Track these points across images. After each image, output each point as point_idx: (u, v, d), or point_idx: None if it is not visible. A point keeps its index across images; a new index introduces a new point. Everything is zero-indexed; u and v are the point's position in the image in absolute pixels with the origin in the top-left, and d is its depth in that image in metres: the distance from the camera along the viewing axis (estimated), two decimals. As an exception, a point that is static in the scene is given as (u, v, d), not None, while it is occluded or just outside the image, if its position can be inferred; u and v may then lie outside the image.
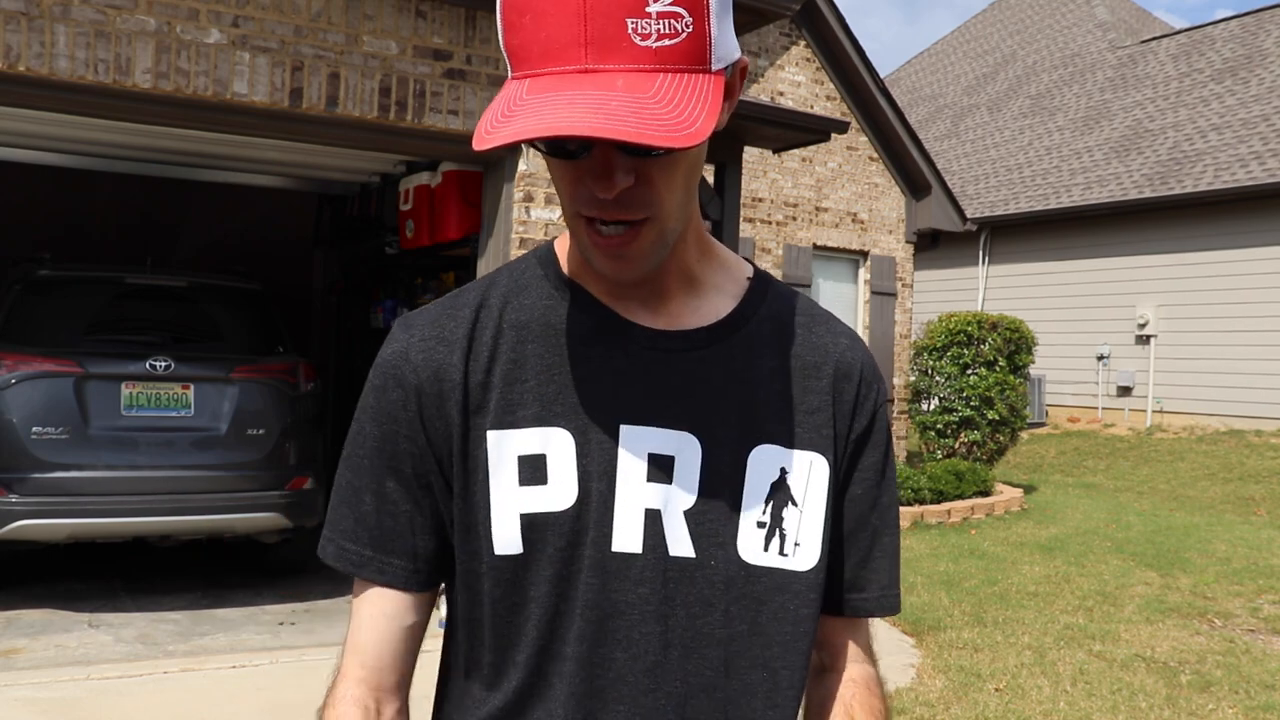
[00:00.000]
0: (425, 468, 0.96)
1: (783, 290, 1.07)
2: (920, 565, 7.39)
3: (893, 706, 4.44)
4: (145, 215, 9.22)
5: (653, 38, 0.79)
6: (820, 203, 10.81)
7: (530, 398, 0.95)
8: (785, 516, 0.98)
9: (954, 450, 10.88)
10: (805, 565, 0.99)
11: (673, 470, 0.95)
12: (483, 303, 0.99)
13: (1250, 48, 17.08)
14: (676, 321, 0.99)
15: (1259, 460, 12.52)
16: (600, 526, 0.94)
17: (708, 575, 0.95)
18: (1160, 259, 15.03)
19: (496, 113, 0.82)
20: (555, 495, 0.94)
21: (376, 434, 0.97)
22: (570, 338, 0.97)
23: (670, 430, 0.95)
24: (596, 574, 0.93)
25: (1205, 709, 4.64)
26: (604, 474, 0.94)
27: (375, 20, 4.96)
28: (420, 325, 0.99)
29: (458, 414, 0.95)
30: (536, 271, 1.01)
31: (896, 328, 11.45)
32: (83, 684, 4.24)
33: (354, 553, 0.98)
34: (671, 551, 0.95)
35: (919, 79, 24.55)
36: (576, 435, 0.94)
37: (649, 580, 0.94)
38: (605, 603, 0.94)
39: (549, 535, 0.94)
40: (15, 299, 5.57)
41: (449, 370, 0.95)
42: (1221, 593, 6.88)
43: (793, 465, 0.99)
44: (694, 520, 0.95)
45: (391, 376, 0.97)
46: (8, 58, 4.26)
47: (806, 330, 1.05)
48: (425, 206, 6.23)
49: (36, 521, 5.09)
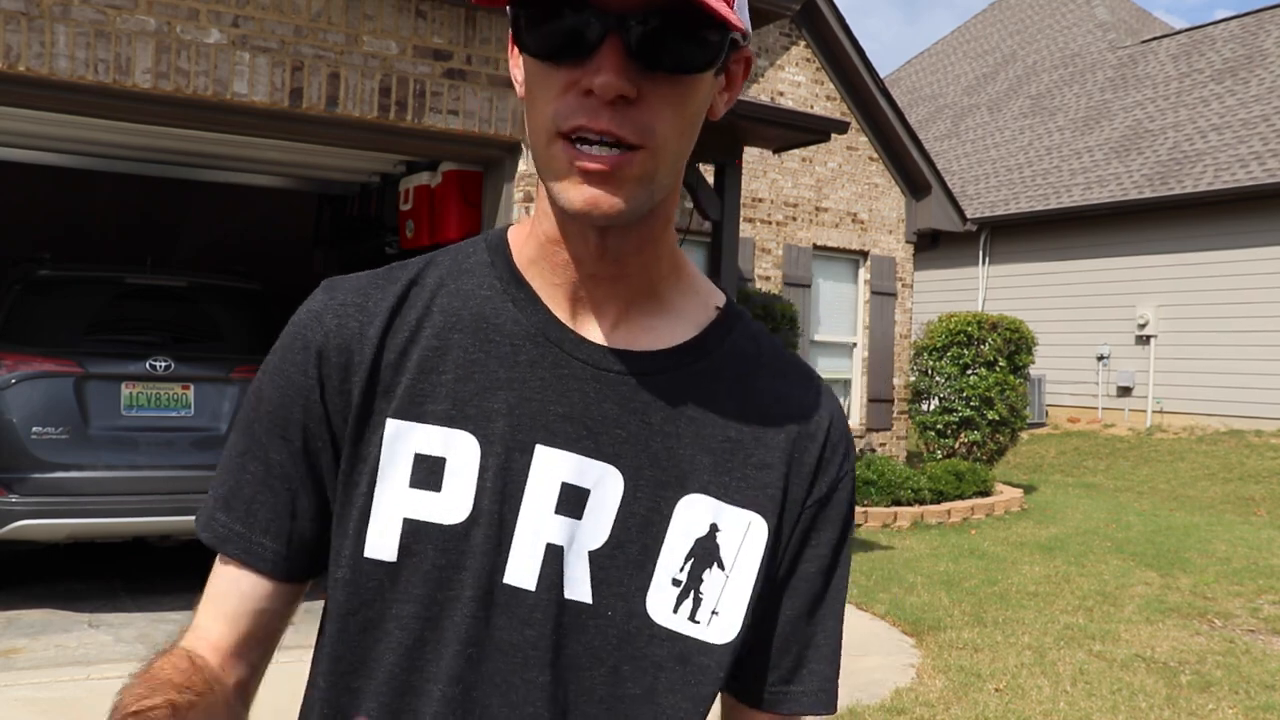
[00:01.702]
0: (317, 444, 0.86)
1: (754, 329, 0.94)
2: (920, 565, 7.39)
3: (893, 706, 4.44)
4: (145, 215, 9.23)
5: None
6: (820, 203, 10.81)
7: (443, 392, 0.84)
8: (705, 579, 0.86)
9: (954, 450, 10.88)
10: (720, 638, 0.86)
11: (585, 505, 0.84)
12: (417, 279, 0.89)
13: (1250, 48, 17.08)
14: (627, 340, 0.87)
15: (1259, 460, 12.52)
16: (494, 553, 0.82)
17: (601, 626, 0.84)
18: (1160, 259, 15.04)
19: None
20: (446, 506, 0.83)
21: (273, 398, 0.87)
22: (502, 335, 0.85)
23: (592, 460, 0.84)
24: (481, 605, 0.82)
25: (1205, 709, 4.64)
26: (507, 495, 0.83)
27: (375, 20, 4.96)
28: (343, 289, 0.89)
29: (359, 391, 0.84)
30: (483, 257, 0.90)
31: (896, 328, 11.45)
32: (83, 684, 4.24)
33: (222, 525, 0.87)
34: (567, 594, 0.83)
35: (919, 79, 24.55)
36: (484, 445, 0.83)
37: (538, 622, 0.82)
38: (487, 640, 0.82)
39: (429, 549, 0.82)
40: (15, 299, 5.57)
41: (362, 342, 0.85)
42: (1221, 593, 6.88)
43: (725, 523, 0.86)
44: (598, 564, 0.84)
45: (299, 337, 0.87)
46: (8, 58, 4.26)
47: (773, 376, 0.91)
48: (425, 206, 6.24)
49: (36, 521, 5.09)
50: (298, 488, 0.87)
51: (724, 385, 0.89)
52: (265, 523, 0.87)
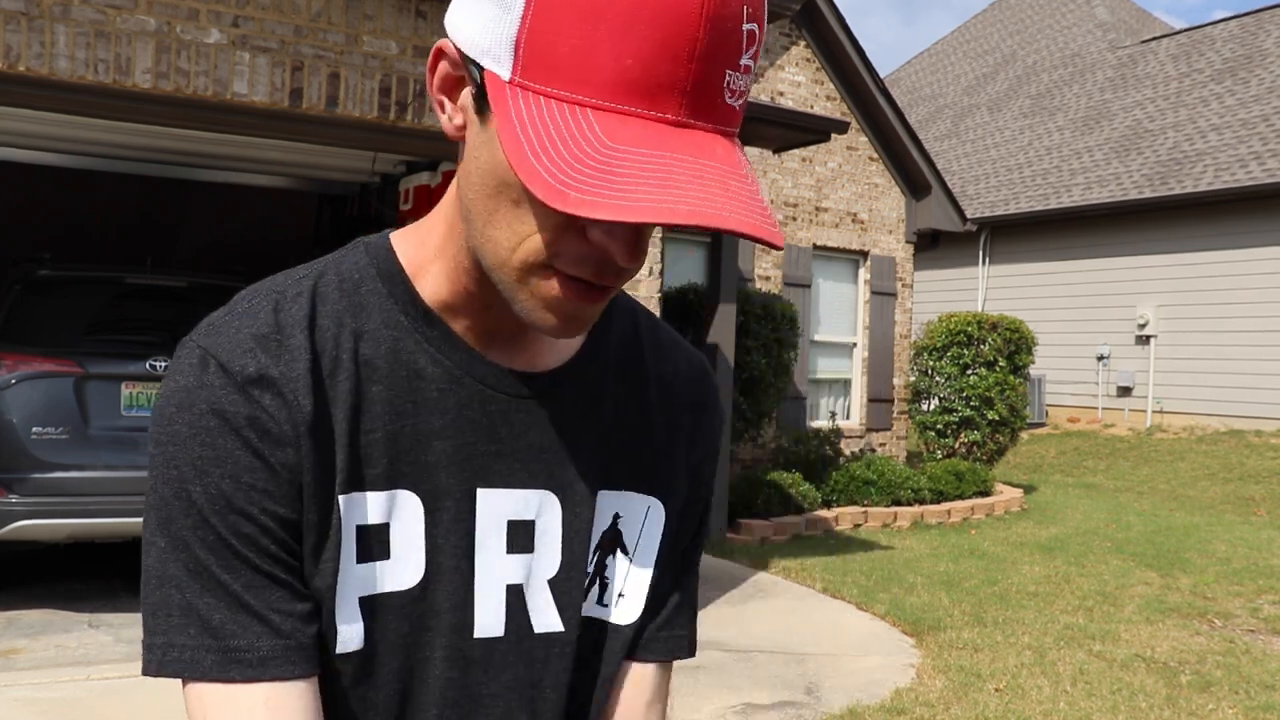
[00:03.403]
0: (288, 533, 0.75)
1: (624, 305, 0.92)
2: (920, 565, 7.39)
3: (893, 706, 4.44)
4: (145, 215, 9.23)
5: (736, 95, 0.67)
6: (820, 203, 10.81)
7: (377, 453, 0.78)
8: (610, 565, 0.88)
9: (954, 450, 10.88)
10: (625, 619, 0.89)
11: (533, 536, 0.83)
12: (313, 324, 0.78)
13: (1250, 48, 17.08)
14: (533, 360, 0.84)
15: (1259, 460, 12.52)
16: (458, 611, 0.80)
17: (574, 645, 0.86)
18: (1160, 259, 15.04)
19: (566, 153, 0.63)
20: (398, 572, 0.78)
21: (219, 493, 0.72)
22: (425, 381, 0.80)
23: (530, 490, 0.83)
24: (456, 666, 0.81)
25: (1205, 709, 4.64)
26: (459, 550, 0.80)
27: (375, 20, 4.96)
28: (248, 349, 0.75)
29: (312, 472, 0.75)
30: (378, 287, 0.81)
31: (896, 328, 11.45)
32: (83, 684, 4.24)
33: (244, 650, 0.72)
34: (536, 629, 0.84)
35: (919, 79, 24.55)
36: (426, 500, 0.79)
37: (512, 665, 0.83)
38: (467, 699, 0.81)
39: (390, 620, 0.78)
40: (15, 299, 5.57)
41: (303, 413, 0.75)
42: (1221, 593, 6.88)
43: (627, 510, 0.88)
44: (559, 589, 0.84)
45: (228, 418, 0.73)
46: (8, 58, 4.26)
47: (650, 353, 0.92)
48: (425, 206, 6.24)
49: (36, 521, 5.09)
50: (288, 575, 0.76)
51: (615, 378, 0.89)
52: (293, 624, 0.75)
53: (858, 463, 9.74)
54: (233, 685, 0.72)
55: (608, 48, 0.63)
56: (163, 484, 0.74)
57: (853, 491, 9.25)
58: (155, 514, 0.74)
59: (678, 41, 0.63)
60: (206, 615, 0.73)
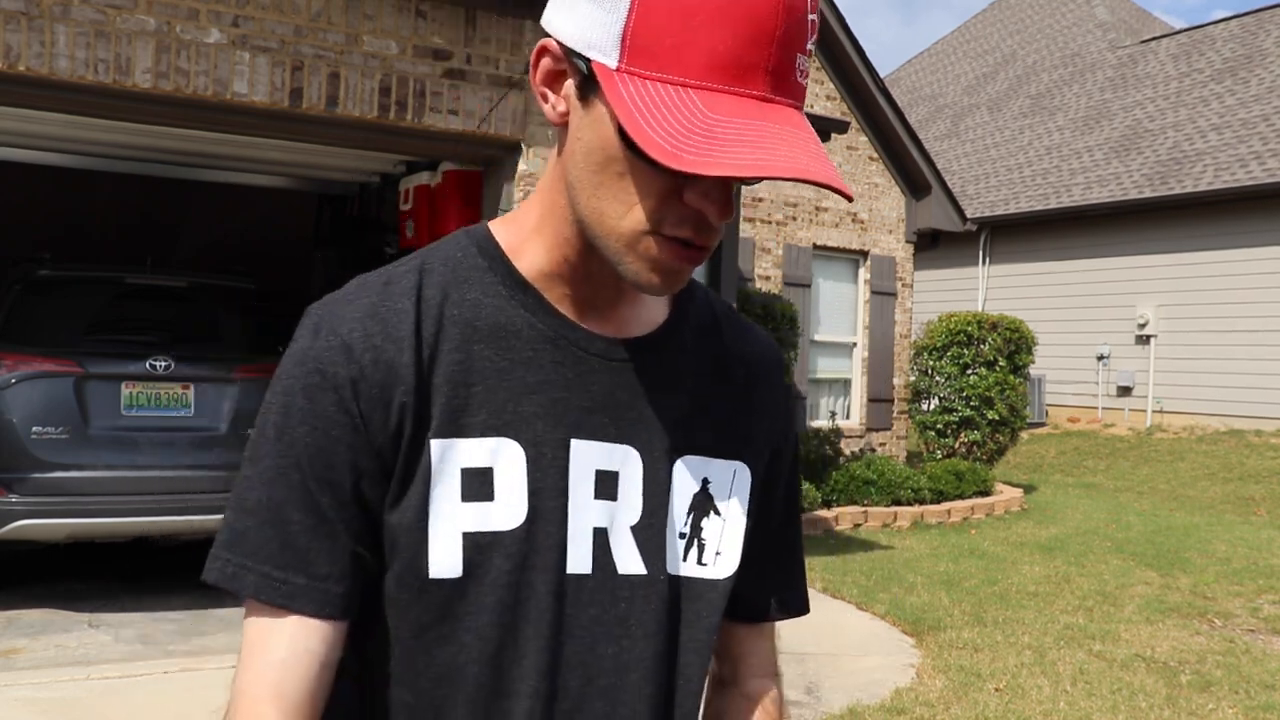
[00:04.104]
0: (365, 482, 0.86)
1: (703, 294, 1.04)
2: (920, 565, 7.39)
3: (893, 706, 4.44)
4: (145, 215, 9.23)
5: (803, 75, 0.79)
6: (820, 203, 10.81)
7: (477, 405, 0.88)
8: (704, 526, 0.97)
9: (954, 450, 10.88)
10: (723, 573, 0.97)
11: (617, 486, 0.92)
12: (420, 294, 0.89)
13: (1250, 48, 17.08)
14: (622, 328, 0.95)
15: (1259, 460, 12.52)
16: (554, 548, 0.89)
17: (660, 591, 0.93)
18: (1160, 259, 15.04)
19: (654, 110, 0.75)
20: (503, 513, 0.87)
21: (310, 441, 0.85)
22: (522, 340, 0.90)
23: (615, 445, 0.92)
24: (554, 598, 0.89)
25: (1205, 709, 4.64)
26: (556, 491, 0.89)
27: (375, 20, 4.96)
28: (355, 318, 0.87)
29: (406, 419, 0.86)
30: (478, 262, 0.92)
31: (896, 328, 11.45)
32: (83, 684, 4.24)
33: (280, 581, 0.84)
34: (620, 570, 0.92)
35: (919, 79, 24.55)
36: (528, 449, 0.88)
37: (599, 601, 0.91)
38: (561, 629, 0.89)
39: (495, 557, 0.87)
40: (15, 299, 5.57)
41: (400, 370, 0.86)
42: (1221, 593, 6.88)
43: (715, 474, 0.98)
44: (640, 536, 0.93)
45: (328, 375, 0.85)
46: (8, 58, 4.26)
47: (729, 334, 1.03)
48: (425, 206, 6.24)
49: (36, 521, 5.09)
50: (343, 529, 0.86)
51: (693, 352, 0.99)
52: (327, 568, 0.86)
53: (858, 462, 9.74)
54: (269, 608, 0.85)
55: (703, 36, 0.75)
56: (270, 424, 0.87)
57: (853, 491, 9.25)
58: (254, 448, 0.87)
59: (762, 29, 0.75)
60: (260, 544, 0.85)
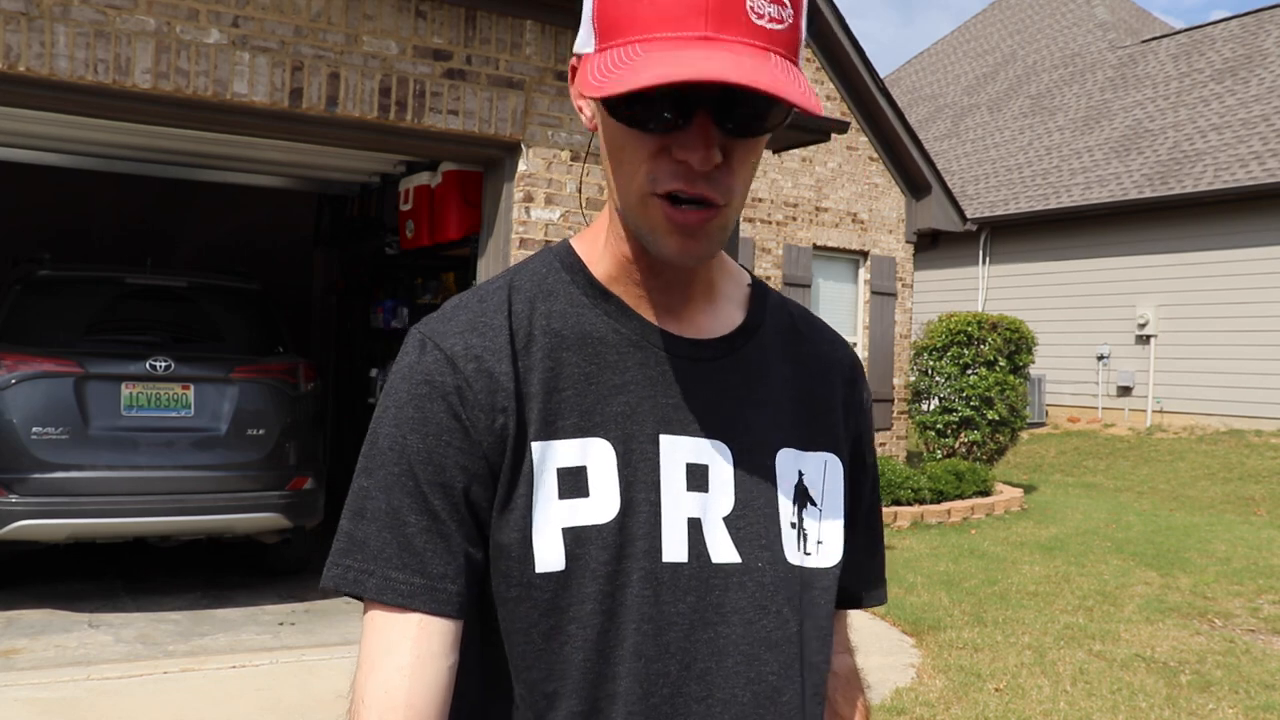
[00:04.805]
0: (474, 485, 0.92)
1: (777, 297, 1.10)
2: (920, 565, 7.39)
3: (893, 706, 4.44)
4: (145, 215, 9.22)
5: (765, 19, 0.82)
6: (820, 203, 10.81)
7: (568, 408, 0.94)
8: (806, 517, 1.01)
9: (954, 450, 10.88)
10: (829, 562, 1.02)
11: (708, 478, 0.96)
12: (510, 308, 0.96)
13: (1250, 48, 17.08)
14: (701, 330, 1.00)
15: (1259, 460, 12.52)
16: (649, 538, 0.93)
17: (757, 579, 0.96)
18: (1160, 259, 15.03)
19: (602, 65, 0.82)
20: (597, 508, 0.92)
21: (421, 448, 0.91)
22: (606, 346, 0.96)
23: (703, 439, 0.97)
24: (649, 586, 0.92)
25: (1205, 709, 4.64)
26: (648, 484, 0.94)
27: (375, 20, 4.96)
28: (457, 332, 0.94)
29: (510, 424, 0.92)
30: (561, 276, 0.99)
31: (896, 328, 11.45)
32: (83, 684, 4.24)
33: (403, 582, 0.89)
34: (714, 559, 0.95)
35: (919, 79, 24.55)
36: (617, 446, 0.94)
37: (695, 589, 0.94)
38: (659, 616, 0.92)
39: (592, 549, 0.91)
40: (15, 299, 5.57)
41: (500, 379, 0.92)
42: (1221, 593, 6.88)
43: (809, 467, 1.02)
44: (733, 526, 0.96)
45: (436, 385, 0.92)
46: (8, 58, 4.26)
47: (807, 336, 1.09)
48: (425, 206, 6.23)
49: (36, 521, 5.09)
50: (456, 530, 0.91)
51: (777, 352, 1.04)
52: (442, 568, 0.91)
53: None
54: (389, 610, 0.89)
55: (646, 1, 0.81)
56: (382, 436, 0.93)
57: (853, 491, 9.24)
58: (366, 461, 0.93)
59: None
60: (380, 548, 0.90)
